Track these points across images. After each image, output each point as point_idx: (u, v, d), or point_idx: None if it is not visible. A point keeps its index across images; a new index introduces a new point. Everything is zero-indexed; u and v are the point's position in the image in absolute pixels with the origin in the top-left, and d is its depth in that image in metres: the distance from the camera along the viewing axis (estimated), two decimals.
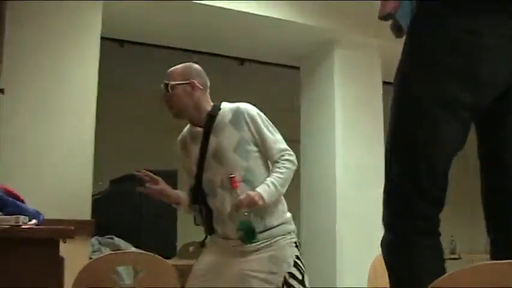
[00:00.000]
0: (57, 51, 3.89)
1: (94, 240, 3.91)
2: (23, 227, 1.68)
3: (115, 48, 5.21)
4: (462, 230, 6.86)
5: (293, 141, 5.44)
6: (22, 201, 2.06)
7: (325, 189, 4.85)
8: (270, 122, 2.76)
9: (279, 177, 2.63)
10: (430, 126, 1.62)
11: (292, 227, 2.74)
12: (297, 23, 4.65)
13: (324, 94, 5.01)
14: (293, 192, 5.32)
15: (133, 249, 3.75)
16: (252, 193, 2.55)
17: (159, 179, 2.73)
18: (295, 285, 2.57)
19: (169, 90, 2.72)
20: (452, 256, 6.04)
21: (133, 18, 4.56)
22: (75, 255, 2.36)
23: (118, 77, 5.70)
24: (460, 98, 1.61)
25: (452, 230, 5.90)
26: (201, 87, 2.76)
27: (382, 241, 1.69)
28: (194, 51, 5.37)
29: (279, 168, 2.66)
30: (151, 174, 2.72)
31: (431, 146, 1.64)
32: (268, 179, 2.63)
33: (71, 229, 1.70)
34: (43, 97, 3.79)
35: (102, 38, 4.08)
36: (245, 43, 5.12)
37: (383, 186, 1.72)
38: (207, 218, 2.72)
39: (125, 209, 4.43)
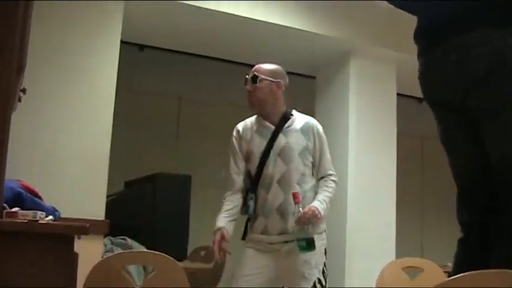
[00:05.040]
0: (78, 53, 3.96)
1: (107, 240, 3.96)
2: (40, 222, 1.73)
3: (134, 53, 5.29)
4: None
5: None
6: (40, 198, 2.12)
7: (336, 197, 4.86)
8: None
9: (328, 196, 2.92)
10: None
11: (325, 228, 2.97)
12: (314, 33, 4.69)
13: (339, 104, 5.03)
14: None
15: (145, 250, 3.78)
16: (313, 208, 2.76)
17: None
18: None
19: (258, 82, 2.92)
20: None
21: (153, 22, 4.63)
22: (88, 254, 2.42)
23: (137, 81, 5.77)
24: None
25: None
26: (283, 88, 3.00)
27: None
28: (212, 58, 5.43)
29: (327, 187, 2.95)
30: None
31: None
32: (320, 196, 2.90)
33: (85, 226, 1.74)
34: (62, 98, 3.87)
35: (122, 42, 4.15)
36: (263, 51, 5.16)
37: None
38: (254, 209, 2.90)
39: (139, 210, 4.48)
